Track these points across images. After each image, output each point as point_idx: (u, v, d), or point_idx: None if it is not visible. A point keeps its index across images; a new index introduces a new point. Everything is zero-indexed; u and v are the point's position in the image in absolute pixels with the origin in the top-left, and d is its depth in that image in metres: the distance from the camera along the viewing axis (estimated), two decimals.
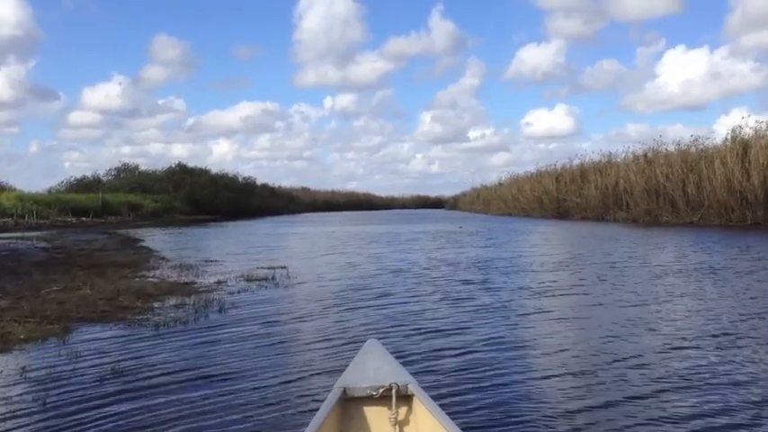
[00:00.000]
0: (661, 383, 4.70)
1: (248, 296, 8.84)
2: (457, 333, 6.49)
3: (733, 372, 4.95)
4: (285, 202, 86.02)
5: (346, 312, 7.68)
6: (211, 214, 61.22)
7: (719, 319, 7.03)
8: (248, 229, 34.61)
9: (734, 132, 31.43)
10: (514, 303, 8.32)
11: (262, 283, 10.11)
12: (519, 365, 5.26)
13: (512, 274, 11.61)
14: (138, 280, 10.11)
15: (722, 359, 5.32)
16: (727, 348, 5.67)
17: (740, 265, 12.09)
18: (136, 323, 6.94)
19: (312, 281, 10.70)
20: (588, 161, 45.71)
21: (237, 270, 12.06)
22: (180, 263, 13.30)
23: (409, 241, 22.09)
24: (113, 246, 18.92)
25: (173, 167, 69.06)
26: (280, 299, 8.64)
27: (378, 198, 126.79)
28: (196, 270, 12.01)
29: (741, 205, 29.11)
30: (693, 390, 4.57)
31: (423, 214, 72.15)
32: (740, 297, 8.49)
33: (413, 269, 12.60)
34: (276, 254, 16.60)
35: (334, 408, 3.05)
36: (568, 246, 18.86)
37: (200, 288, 9.40)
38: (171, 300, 8.25)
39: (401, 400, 3.15)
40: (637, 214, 35.06)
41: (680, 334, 6.29)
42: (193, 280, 10.42)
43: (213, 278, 10.69)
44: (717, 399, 4.37)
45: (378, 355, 3.49)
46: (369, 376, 3.26)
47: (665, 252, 15.70)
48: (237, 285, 9.92)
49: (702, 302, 8.14)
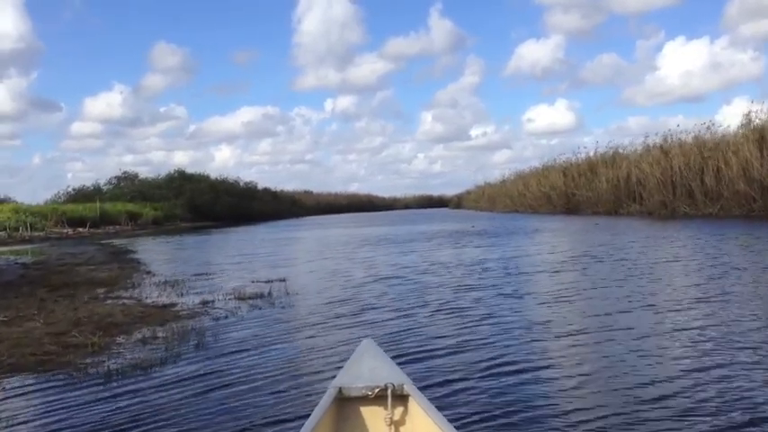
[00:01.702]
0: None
1: (236, 323, 7.35)
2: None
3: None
4: (288, 206, 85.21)
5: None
6: (212, 220, 60.37)
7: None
8: (249, 235, 33.37)
9: (747, 119, 30.22)
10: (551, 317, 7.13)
11: (255, 303, 8.66)
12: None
13: (532, 277, 10.81)
14: (109, 303, 8.73)
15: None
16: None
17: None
18: (81, 372, 5.31)
19: (315, 299, 9.12)
20: (595, 154, 44.50)
21: (229, 285, 10.71)
22: (166, 278, 11.94)
23: (420, 243, 20.81)
24: (100, 258, 17.65)
25: (172, 174, 68.22)
26: (273, 327, 7.07)
27: (380, 199, 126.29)
28: (182, 287, 10.62)
29: (763, 195, 27.78)
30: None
31: (427, 214, 70.88)
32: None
33: (433, 279, 11.02)
34: (275, 263, 15.30)
35: (330, 408, 3.02)
36: (587, 243, 17.59)
37: (179, 312, 7.96)
38: (139, 331, 6.78)
39: (397, 400, 3.12)
40: (652, 207, 33.70)
41: (711, 353, 5.31)
42: (175, 301, 9.00)
43: (199, 297, 9.26)
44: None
45: (373, 354, 3.44)
46: (364, 376, 3.21)
47: (692, 247, 14.47)
48: (226, 307, 8.46)
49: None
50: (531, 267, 12.34)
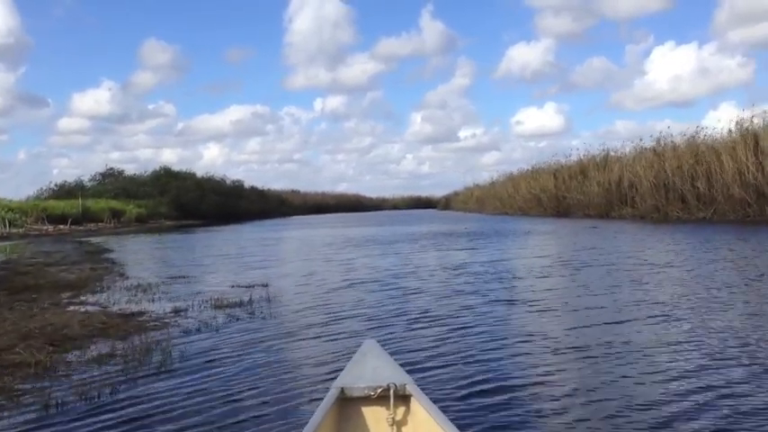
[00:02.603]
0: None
1: (208, 337, 6.47)
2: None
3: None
4: (275, 206, 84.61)
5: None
6: (198, 219, 59.62)
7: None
8: (234, 235, 32.58)
9: (740, 123, 29.81)
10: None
11: (232, 313, 7.80)
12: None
13: (519, 283, 10.33)
14: (70, 310, 7.91)
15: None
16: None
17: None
18: (14, 401, 4.39)
19: (300, 307, 8.27)
20: (586, 156, 44.06)
21: (207, 291, 9.92)
22: (139, 281, 11.14)
23: (407, 245, 20.19)
24: (74, 258, 16.84)
25: (158, 172, 67.33)
26: (250, 343, 6.17)
27: (368, 199, 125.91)
28: (154, 292, 9.81)
29: (758, 199, 27.34)
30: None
31: (416, 215, 70.29)
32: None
33: (425, 284, 10.47)
34: (258, 265, 14.54)
35: (332, 408, 3.01)
36: (576, 246, 17.05)
37: (146, 323, 7.10)
38: (96, 346, 5.91)
39: (399, 400, 3.13)
40: (645, 211, 33.25)
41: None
42: (144, 308, 8.14)
43: (171, 304, 8.42)
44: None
45: (375, 355, 3.44)
46: (366, 376, 3.21)
47: (680, 253, 14.05)
48: (200, 316, 7.57)
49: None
50: (519, 272, 11.84)
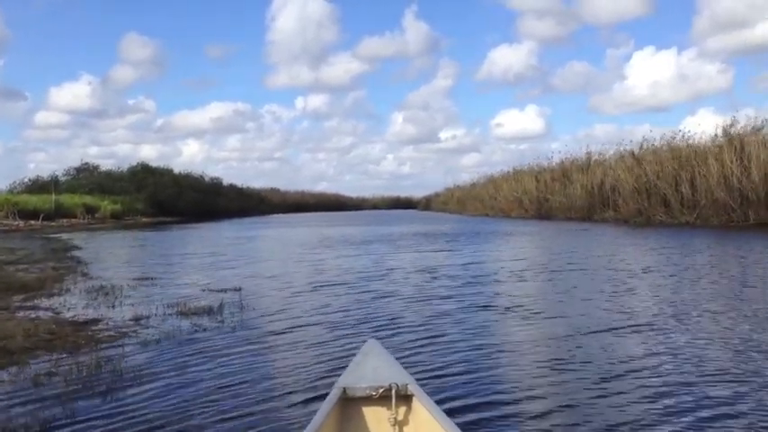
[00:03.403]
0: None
1: (168, 351, 5.73)
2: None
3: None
4: (254, 203, 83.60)
5: (326, 386, 4.40)
6: (175, 216, 58.58)
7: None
8: (210, 233, 31.78)
9: (726, 128, 29.61)
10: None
11: (199, 322, 7.08)
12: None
13: (494, 287, 10.08)
14: (19, 316, 7.16)
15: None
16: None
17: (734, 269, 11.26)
18: None
19: (273, 316, 7.61)
20: (568, 159, 43.83)
21: (175, 295, 9.24)
22: (102, 283, 10.42)
23: (388, 245, 19.68)
24: (38, 256, 16.02)
25: (134, 167, 66.13)
26: (217, 359, 5.44)
27: (348, 199, 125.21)
28: (117, 295, 9.10)
29: (741, 204, 27.10)
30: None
31: (396, 215, 69.68)
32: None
33: (398, 288, 10.09)
34: (233, 266, 13.90)
35: (334, 408, 3.00)
36: (555, 250, 16.73)
37: (100, 333, 6.38)
38: (37, 362, 5.20)
39: (400, 400, 3.11)
40: (627, 214, 32.93)
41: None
42: (101, 315, 7.43)
43: (133, 311, 7.75)
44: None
45: (377, 355, 3.43)
46: (368, 376, 3.20)
47: (656, 257, 13.82)
48: (162, 325, 6.85)
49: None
50: (496, 276, 11.54)
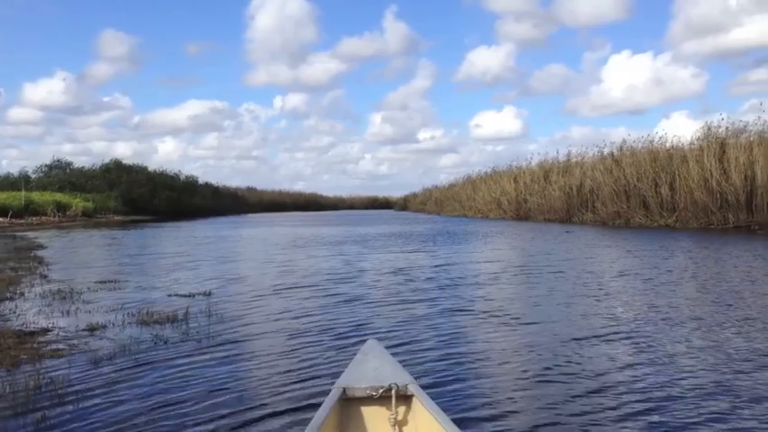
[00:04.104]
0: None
1: (122, 369, 5.07)
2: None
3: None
4: (230, 202, 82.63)
5: (300, 412, 4.05)
6: (149, 214, 57.67)
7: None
8: (184, 232, 30.98)
9: (708, 130, 29.50)
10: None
11: (161, 332, 6.45)
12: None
13: (467, 290, 9.67)
14: None
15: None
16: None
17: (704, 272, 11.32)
18: None
19: (241, 323, 7.06)
20: (546, 161, 43.68)
21: (138, 300, 8.63)
22: (61, 286, 9.75)
23: (363, 246, 19.11)
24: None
25: (107, 164, 64.86)
26: (177, 380, 4.81)
27: (325, 198, 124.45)
28: (75, 300, 8.45)
29: (721, 207, 26.96)
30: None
31: (373, 215, 69.13)
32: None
33: (369, 291, 9.69)
34: (203, 268, 13.27)
35: (334, 408, 2.98)
36: (533, 252, 16.30)
37: (47, 346, 5.70)
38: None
39: (401, 400, 3.10)
40: (606, 216, 32.71)
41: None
42: (52, 324, 6.75)
43: (89, 319, 7.07)
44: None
45: (377, 355, 3.41)
46: (368, 376, 3.18)
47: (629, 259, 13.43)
48: (119, 336, 6.21)
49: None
50: (471, 278, 11.24)
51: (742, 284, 9.81)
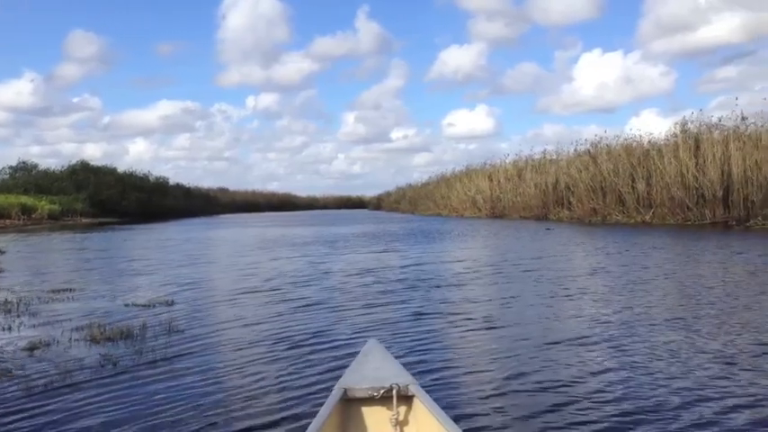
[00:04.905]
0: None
1: (61, 401, 4.37)
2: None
3: None
4: (201, 203, 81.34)
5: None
6: (119, 216, 56.32)
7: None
8: (152, 234, 30.10)
9: (683, 126, 29.37)
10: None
11: (112, 352, 5.71)
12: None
13: (432, 292, 9.34)
14: None
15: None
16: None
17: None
18: None
19: (204, 338, 6.39)
20: (520, 158, 43.47)
21: (92, 312, 7.93)
22: (8, 295, 8.93)
23: (332, 246, 18.50)
24: None
25: (74, 166, 63.39)
26: (124, 414, 4.13)
27: (299, 198, 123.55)
28: (19, 313, 7.67)
29: (698, 203, 26.81)
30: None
31: (346, 215, 68.51)
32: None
33: (339, 295, 9.22)
34: (168, 273, 12.56)
35: (335, 408, 2.98)
36: (505, 250, 15.89)
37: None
38: None
39: (402, 400, 3.09)
40: (582, 213, 32.46)
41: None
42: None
43: (31, 335, 6.33)
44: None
45: (378, 355, 3.41)
46: (369, 377, 3.18)
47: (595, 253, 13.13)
48: (62, 359, 5.46)
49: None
50: (440, 279, 10.93)
51: (717, 283, 9.58)
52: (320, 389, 4.57)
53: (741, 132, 26.85)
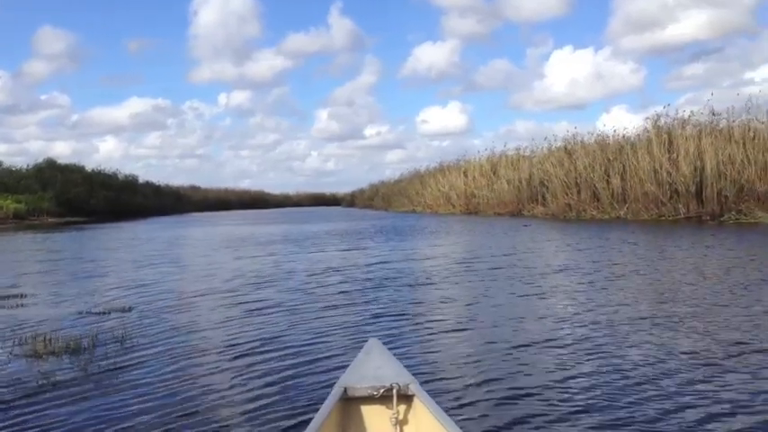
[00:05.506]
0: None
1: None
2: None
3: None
4: (172, 201, 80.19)
5: None
6: (86, 215, 55.17)
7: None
8: (119, 234, 29.37)
9: (655, 122, 29.30)
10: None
11: (54, 367, 5.20)
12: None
13: (398, 292, 9.00)
14: None
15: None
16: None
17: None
18: None
19: (161, 348, 5.92)
20: (494, 155, 43.22)
21: (40, 320, 7.36)
22: None
23: (301, 244, 18.03)
24: None
25: (40, 164, 62.06)
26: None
27: (272, 196, 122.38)
28: None
29: (671, 198, 26.72)
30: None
31: (319, 212, 67.96)
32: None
33: (301, 296, 8.83)
34: (130, 276, 11.99)
35: (335, 407, 2.99)
36: (475, 246, 15.61)
37: None
38: None
39: (402, 399, 3.09)
40: (557, 209, 32.27)
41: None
42: None
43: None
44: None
45: (379, 354, 3.41)
46: (369, 376, 3.18)
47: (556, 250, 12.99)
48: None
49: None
50: (409, 278, 10.68)
51: (690, 280, 9.38)
52: (271, 402, 4.31)
53: (713, 127, 26.82)
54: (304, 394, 4.46)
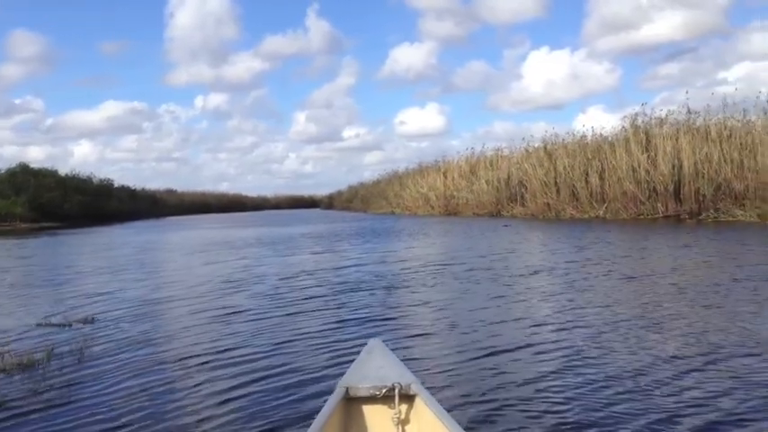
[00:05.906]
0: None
1: None
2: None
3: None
4: (148, 205, 79.25)
5: None
6: (60, 220, 54.23)
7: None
8: (92, 239, 28.78)
9: (632, 121, 29.31)
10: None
11: (4, 385, 4.89)
12: None
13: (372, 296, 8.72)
14: None
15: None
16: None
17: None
18: None
19: (121, 363, 5.56)
20: (475, 155, 43.10)
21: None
22: None
23: (275, 247, 17.72)
24: None
25: (12, 169, 61.01)
26: None
27: (250, 199, 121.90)
28: None
29: (650, 197, 26.71)
30: None
31: (297, 215, 67.53)
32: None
33: (268, 302, 8.59)
34: (98, 283, 11.58)
35: (337, 407, 2.98)
36: (452, 248, 15.46)
37: None
38: None
39: (404, 399, 3.09)
40: (536, 209, 32.18)
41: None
42: None
43: None
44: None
45: (380, 354, 3.41)
46: (371, 376, 3.17)
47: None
48: None
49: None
50: (384, 280, 10.48)
51: (669, 279, 9.27)
52: (239, 417, 4.08)
53: (690, 126, 26.87)
54: (268, 408, 4.19)
